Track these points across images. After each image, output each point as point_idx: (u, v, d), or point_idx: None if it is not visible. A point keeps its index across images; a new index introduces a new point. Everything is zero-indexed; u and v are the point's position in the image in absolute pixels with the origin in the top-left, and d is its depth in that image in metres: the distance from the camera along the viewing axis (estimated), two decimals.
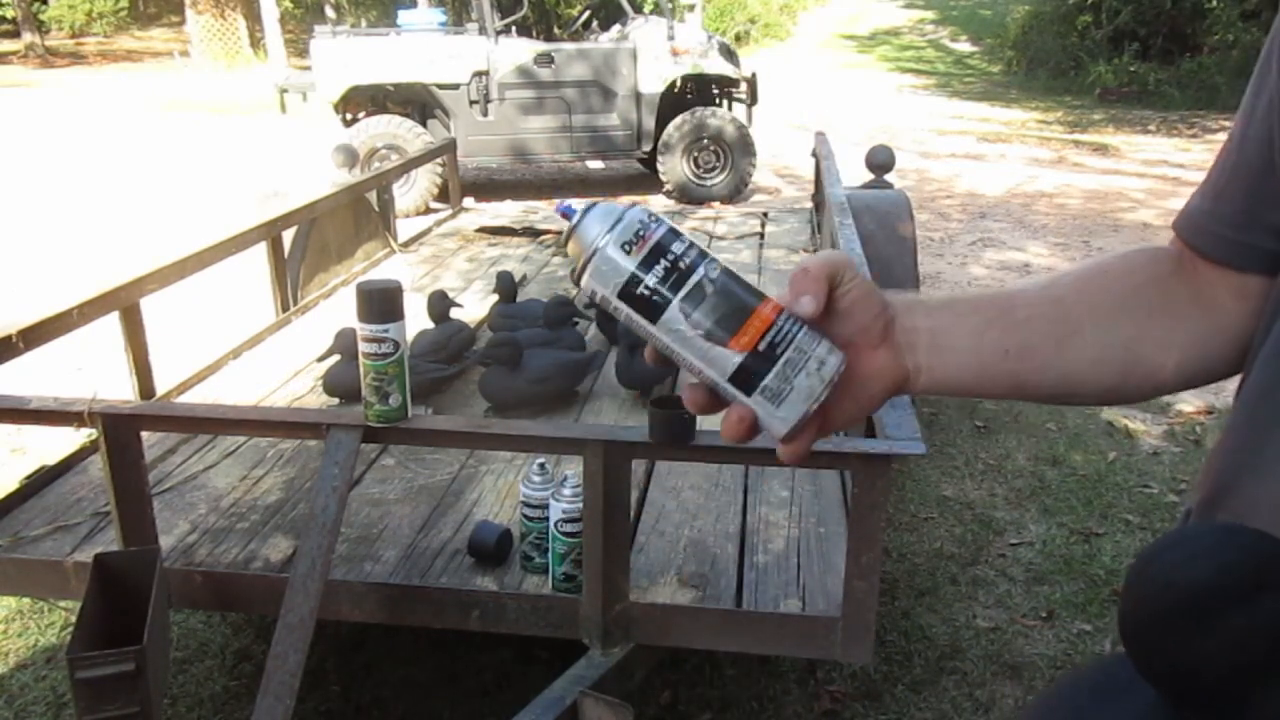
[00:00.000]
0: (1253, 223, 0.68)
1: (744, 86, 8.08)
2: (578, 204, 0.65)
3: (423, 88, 7.59)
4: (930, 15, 20.48)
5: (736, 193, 7.86)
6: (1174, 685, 0.51)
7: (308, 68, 8.55)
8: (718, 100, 8.22)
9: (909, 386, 0.68)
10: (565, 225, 0.63)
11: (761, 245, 4.25)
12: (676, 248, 0.61)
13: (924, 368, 0.67)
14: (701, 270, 0.61)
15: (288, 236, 3.41)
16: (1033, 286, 0.72)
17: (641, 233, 0.61)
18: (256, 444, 2.28)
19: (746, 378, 0.61)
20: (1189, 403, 4.03)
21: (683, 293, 0.61)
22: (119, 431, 1.66)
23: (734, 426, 0.63)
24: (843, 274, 0.63)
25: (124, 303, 2.35)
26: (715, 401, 0.64)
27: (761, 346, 0.61)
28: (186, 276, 2.60)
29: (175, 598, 1.78)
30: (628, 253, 0.61)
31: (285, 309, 3.27)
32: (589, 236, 0.62)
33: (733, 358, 0.61)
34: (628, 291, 0.61)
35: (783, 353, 0.61)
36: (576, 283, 0.64)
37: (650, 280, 0.61)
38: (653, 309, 0.61)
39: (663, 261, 0.61)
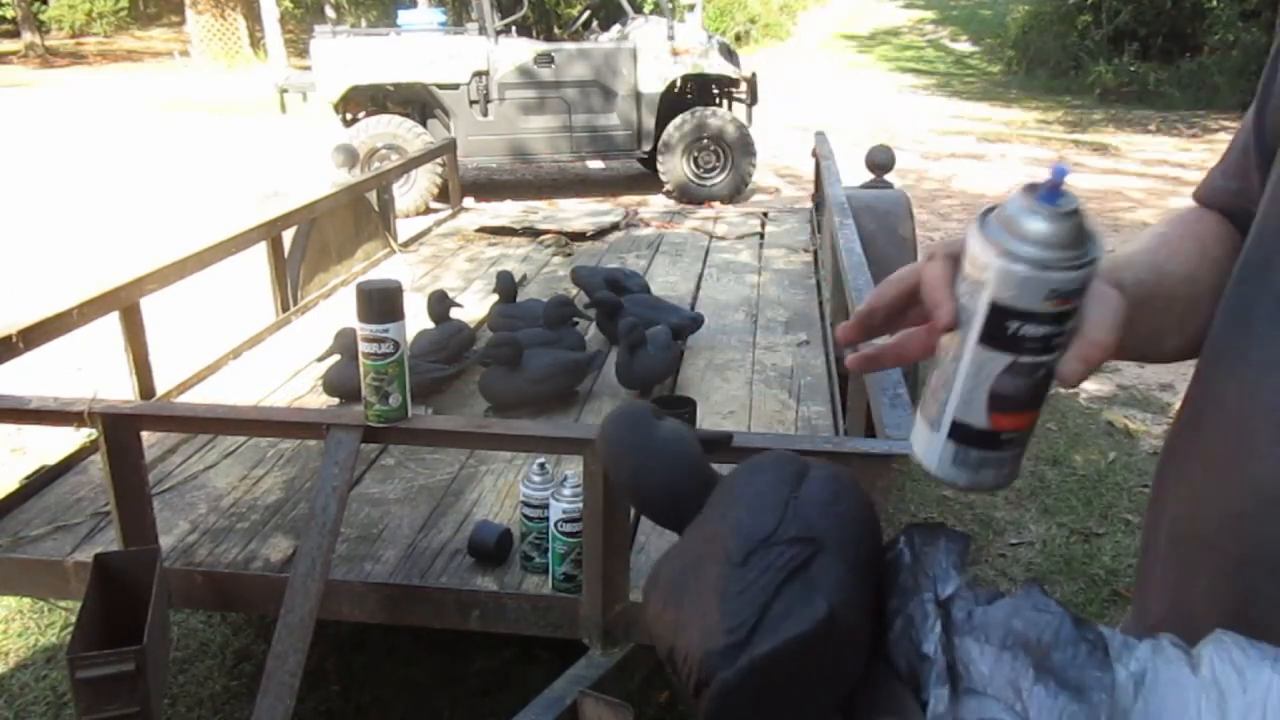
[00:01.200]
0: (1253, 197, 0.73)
1: (744, 86, 8.08)
2: (1071, 193, 0.56)
3: (423, 88, 7.59)
4: (930, 15, 20.48)
5: (736, 193, 7.86)
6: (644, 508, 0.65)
7: (308, 68, 8.55)
8: (718, 100, 8.22)
9: None
10: (1056, 182, 0.55)
11: (761, 245, 4.25)
12: (1055, 327, 0.56)
13: None
14: (1048, 359, 0.57)
15: (288, 236, 3.41)
16: (1180, 265, 0.75)
17: (1061, 295, 0.55)
18: (256, 444, 2.28)
19: (962, 437, 0.60)
20: None
21: (1021, 358, 0.57)
22: (119, 431, 1.66)
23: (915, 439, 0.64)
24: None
25: (124, 303, 2.35)
26: (935, 411, 0.61)
27: (1003, 437, 0.59)
28: (186, 276, 2.60)
29: (175, 598, 1.78)
30: (1039, 298, 0.55)
31: (285, 309, 3.27)
32: (1047, 240, 0.54)
33: (977, 423, 0.59)
34: (1004, 311, 0.56)
35: (1002, 449, 0.60)
36: (979, 230, 0.56)
37: (1021, 328, 0.56)
38: (996, 341, 0.57)
39: (1042, 328, 0.56)
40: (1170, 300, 0.73)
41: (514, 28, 7.99)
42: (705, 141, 7.78)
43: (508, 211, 5.16)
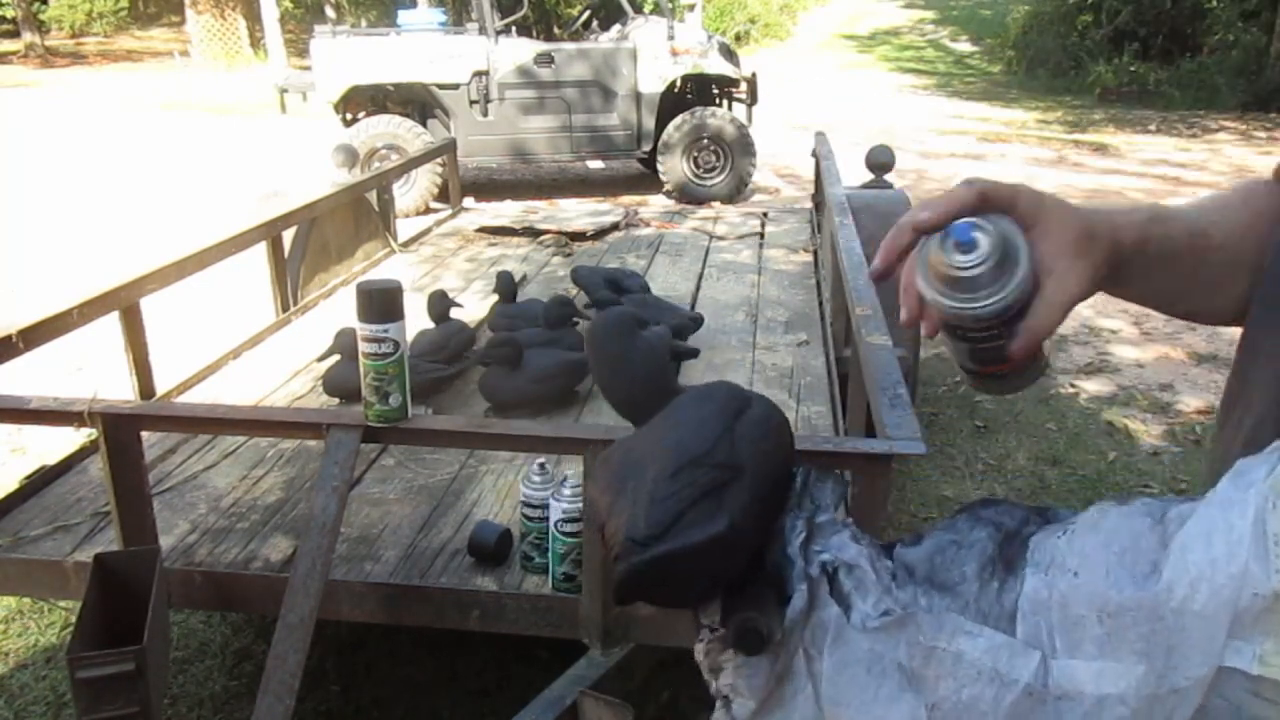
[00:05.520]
0: None
1: (744, 86, 8.07)
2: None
3: (423, 88, 7.59)
4: (930, 15, 20.49)
5: (736, 193, 7.86)
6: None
7: (308, 68, 8.54)
8: (718, 100, 8.21)
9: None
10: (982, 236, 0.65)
11: (761, 245, 4.25)
12: (994, 330, 0.69)
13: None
14: (1004, 341, 0.69)
15: (288, 236, 3.41)
16: (1222, 231, 0.75)
17: (984, 321, 0.68)
18: (256, 444, 2.28)
19: (973, 375, 0.74)
20: (1188, 403, 4.03)
21: (977, 345, 0.70)
22: (119, 431, 1.66)
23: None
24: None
25: (124, 303, 2.35)
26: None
27: (999, 374, 0.73)
28: (186, 276, 2.60)
29: (175, 598, 1.78)
30: (968, 322, 0.68)
31: (285, 309, 3.27)
32: (959, 288, 0.66)
33: (978, 369, 0.73)
34: (948, 323, 0.69)
35: (1007, 379, 0.74)
36: (919, 266, 0.68)
37: (966, 333, 0.69)
38: (954, 333, 0.70)
39: (982, 333, 0.69)
40: (1198, 264, 0.74)
41: (514, 28, 7.99)
42: (705, 141, 7.78)
43: (508, 211, 5.16)
